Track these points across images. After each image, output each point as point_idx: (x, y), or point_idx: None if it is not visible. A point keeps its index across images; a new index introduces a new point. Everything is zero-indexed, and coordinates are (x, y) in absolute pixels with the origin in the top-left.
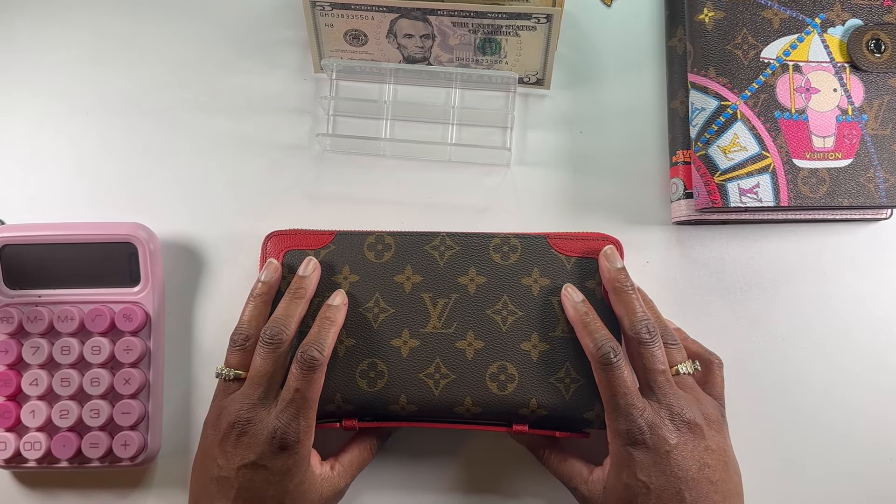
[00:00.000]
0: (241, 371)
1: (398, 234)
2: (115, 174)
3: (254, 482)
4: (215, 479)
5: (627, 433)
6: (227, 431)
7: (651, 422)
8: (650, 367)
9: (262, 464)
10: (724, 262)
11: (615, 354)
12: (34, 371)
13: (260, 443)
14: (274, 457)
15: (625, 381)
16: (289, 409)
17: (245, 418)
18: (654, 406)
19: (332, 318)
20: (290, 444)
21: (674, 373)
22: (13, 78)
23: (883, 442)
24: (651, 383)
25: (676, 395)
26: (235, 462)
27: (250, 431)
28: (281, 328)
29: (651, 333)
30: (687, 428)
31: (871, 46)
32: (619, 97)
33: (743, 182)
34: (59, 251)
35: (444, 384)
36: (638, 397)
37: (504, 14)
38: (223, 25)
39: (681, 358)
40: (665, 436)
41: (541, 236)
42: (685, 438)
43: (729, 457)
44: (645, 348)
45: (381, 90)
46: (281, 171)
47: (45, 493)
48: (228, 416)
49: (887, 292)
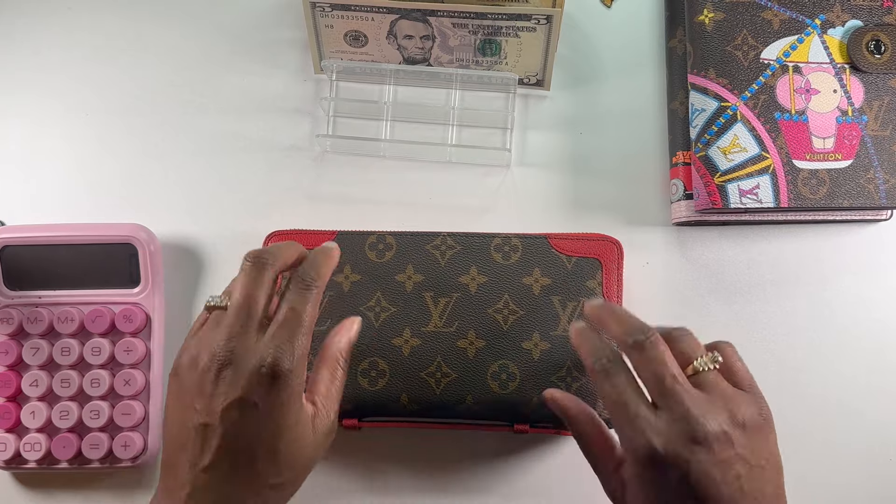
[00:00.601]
0: (225, 298)
1: (399, 234)
2: (115, 175)
3: (242, 425)
4: (195, 428)
5: (638, 451)
6: (206, 368)
7: (665, 436)
8: (657, 371)
9: (250, 400)
10: (723, 263)
11: (610, 360)
12: (34, 372)
13: (246, 374)
14: (264, 390)
15: (628, 390)
16: (282, 332)
17: (228, 348)
18: (666, 418)
19: (330, 252)
20: (282, 373)
21: (690, 373)
22: (13, 78)
23: (883, 442)
24: (661, 391)
25: (694, 401)
26: (219, 403)
27: (234, 362)
28: (269, 255)
29: (646, 334)
30: (713, 440)
31: (871, 47)
32: (619, 98)
33: (743, 183)
34: (59, 252)
35: (446, 383)
36: (645, 408)
37: (504, 15)
38: (223, 26)
39: (694, 351)
40: (682, 454)
41: (541, 236)
42: (709, 454)
43: (765, 457)
44: (644, 353)
45: (382, 91)
46: (281, 171)
47: (45, 493)
48: (209, 349)
49: (887, 293)
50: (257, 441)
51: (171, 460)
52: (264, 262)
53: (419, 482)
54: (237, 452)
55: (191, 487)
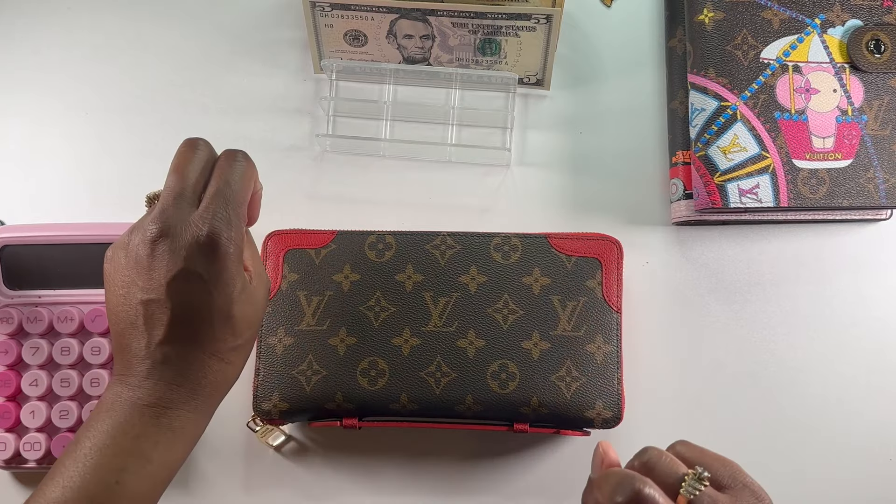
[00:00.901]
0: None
1: (399, 234)
2: (114, 174)
3: (191, 296)
4: (141, 305)
5: None
6: (143, 241)
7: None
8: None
9: (194, 270)
10: (723, 262)
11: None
12: (34, 371)
13: (185, 244)
14: (205, 260)
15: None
16: (217, 200)
17: (163, 218)
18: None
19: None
20: (222, 242)
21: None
22: (13, 77)
23: (882, 442)
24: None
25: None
26: (161, 276)
27: (171, 232)
28: (202, 139)
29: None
30: None
31: (871, 47)
32: (619, 97)
33: (743, 182)
34: (59, 252)
35: (446, 383)
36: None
37: (504, 15)
38: (223, 26)
39: (676, 473)
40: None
41: (541, 236)
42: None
43: None
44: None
45: (381, 91)
46: (281, 171)
47: None
48: (143, 225)
49: (887, 292)
50: (210, 310)
51: (121, 343)
52: (196, 142)
53: (419, 482)
54: (191, 323)
55: (150, 362)
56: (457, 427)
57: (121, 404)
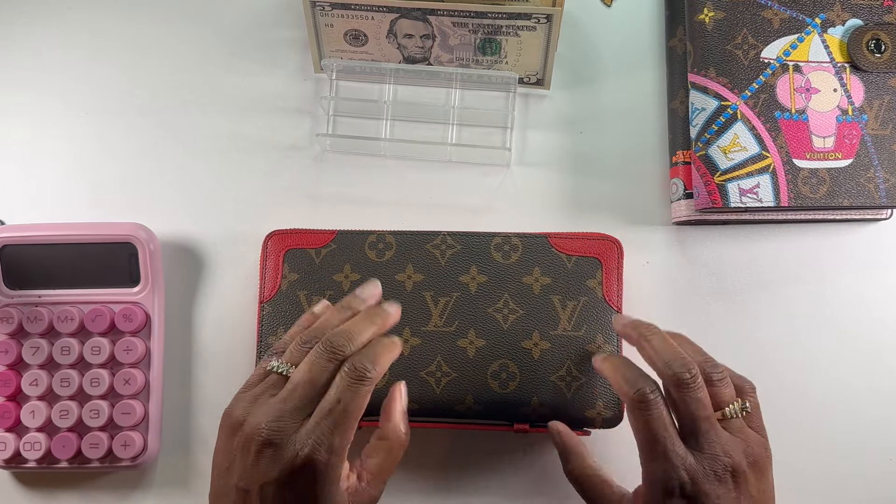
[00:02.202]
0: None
1: (399, 233)
2: (114, 174)
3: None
4: (235, 488)
5: (665, 483)
6: (250, 437)
7: (693, 473)
8: (694, 413)
9: (285, 482)
10: (723, 262)
11: (651, 390)
12: (34, 371)
13: (286, 459)
14: (299, 478)
15: (664, 423)
16: (325, 422)
17: (275, 427)
18: (698, 456)
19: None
20: (318, 465)
21: (720, 416)
22: (13, 78)
23: (883, 442)
24: (695, 431)
25: (722, 443)
26: (257, 478)
27: (278, 444)
28: (346, 341)
29: (692, 373)
30: (731, 478)
31: (872, 46)
32: (620, 97)
33: (743, 182)
34: (59, 251)
35: (446, 382)
36: (679, 444)
37: (504, 14)
38: (223, 26)
39: (729, 397)
40: (707, 489)
41: (541, 235)
42: (727, 490)
43: (769, 496)
44: (686, 392)
45: (382, 90)
46: (281, 171)
47: (45, 493)
48: (257, 420)
49: (887, 292)
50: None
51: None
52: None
53: (419, 482)
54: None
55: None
56: (457, 427)
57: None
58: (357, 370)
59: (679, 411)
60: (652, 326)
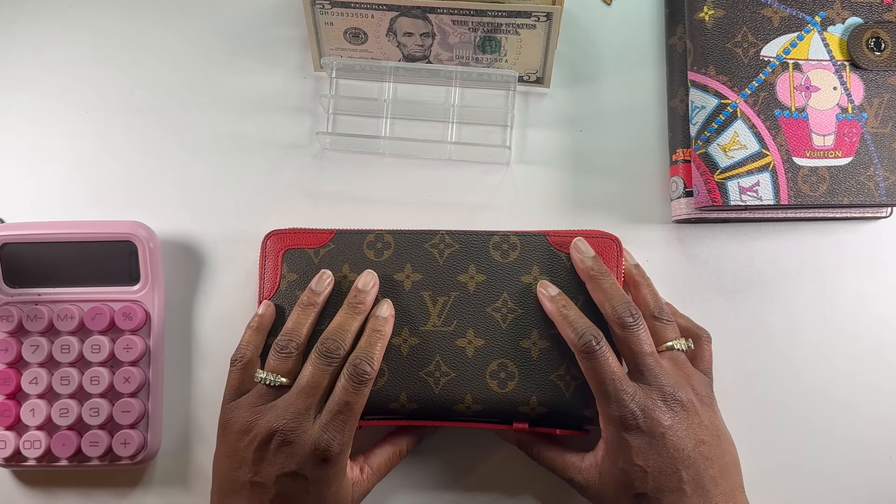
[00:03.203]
0: (285, 378)
1: (398, 233)
2: (114, 173)
3: (292, 490)
4: (248, 483)
5: (621, 419)
6: (266, 438)
7: (643, 405)
8: (636, 349)
9: (302, 473)
10: (723, 260)
11: (597, 342)
12: (34, 369)
13: (303, 453)
14: (315, 467)
15: (610, 367)
16: (335, 421)
17: (290, 427)
18: (645, 389)
19: (382, 331)
20: (332, 456)
21: (665, 349)
22: (13, 77)
23: (882, 441)
24: (640, 366)
25: (667, 375)
26: (275, 470)
27: (294, 441)
28: (339, 343)
29: (634, 316)
30: (680, 407)
31: (871, 45)
32: (619, 95)
33: (743, 180)
34: (59, 250)
35: (445, 382)
36: (627, 382)
37: (504, 12)
38: (223, 24)
39: (673, 335)
40: (659, 418)
41: (540, 234)
42: (679, 418)
43: (721, 431)
44: (629, 332)
45: (381, 88)
46: (281, 169)
47: (45, 491)
48: (269, 423)
49: (887, 290)
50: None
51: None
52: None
53: (418, 482)
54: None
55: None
56: (456, 426)
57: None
58: (357, 374)
59: (623, 350)
60: (605, 269)
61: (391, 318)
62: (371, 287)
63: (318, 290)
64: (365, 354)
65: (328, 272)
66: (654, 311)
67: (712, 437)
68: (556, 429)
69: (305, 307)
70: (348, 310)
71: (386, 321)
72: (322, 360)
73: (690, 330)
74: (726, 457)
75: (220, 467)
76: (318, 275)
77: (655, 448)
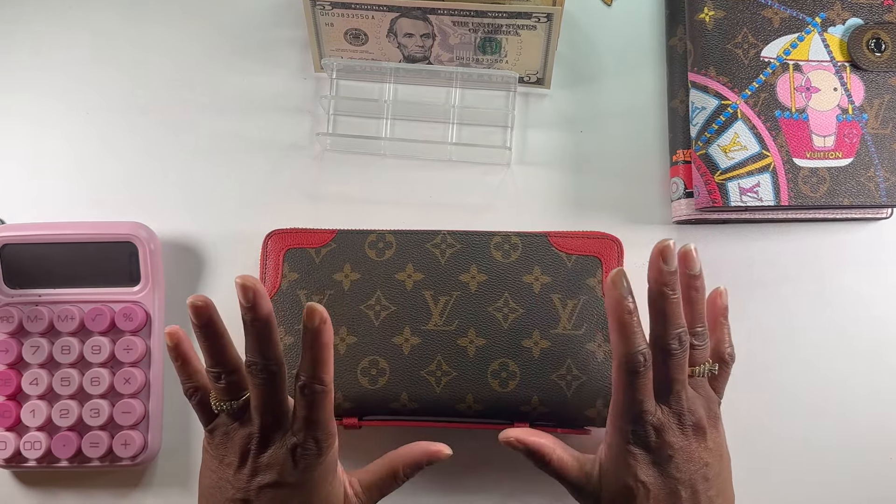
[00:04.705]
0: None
1: (399, 233)
2: (115, 174)
3: (276, 499)
4: (230, 500)
5: (633, 434)
6: (243, 456)
7: (659, 426)
8: (672, 376)
9: (284, 482)
10: (724, 261)
11: (644, 365)
12: (34, 370)
13: (280, 463)
14: (296, 472)
15: (645, 390)
16: (303, 431)
17: (261, 445)
18: (665, 410)
19: (324, 342)
20: (311, 461)
21: (690, 374)
22: (14, 77)
23: (882, 442)
24: (668, 391)
25: (689, 400)
26: (255, 483)
27: (268, 454)
28: (262, 361)
29: (682, 345)
30: (692, 430)
31: (872, 45)
32: (620, 96)
33: (743, 181)
34: (60, 251)
35: (446, 381)
36: (652, 402)
37: (504, 13)
38: (223, 25)
39: (702, 359)
40: (671, 441)
41: (542, 234)
42: (689, 442)
43: (723, 450)
44: (671, 359)
45: (382, 89)
46: (281, 170)
47: (45, 492)
48: (241, 443)
49: (887, 291)
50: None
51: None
52: (271, 373)
53: (419, 481)
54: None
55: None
56: (457, 426)
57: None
58: (312, 392)
59: (656, 368)
60: (678, 290)
61: (325, 324)
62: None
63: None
64: (309, 368)
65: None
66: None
67: (715, 458)
68: (556, 428)
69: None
70: (250, 332)
71: (324, 330)
72: (258, 378)
73: (719, 349)
74: (724, 473)
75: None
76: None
77: (661, 467)
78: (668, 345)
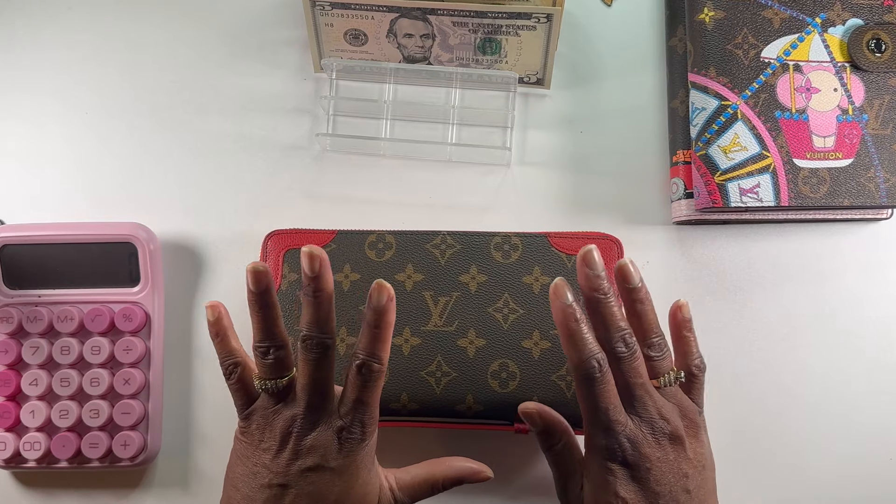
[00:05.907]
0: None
1: (399, 233)
2: (115, 174)
3: (316, 484)
4: (266, 486)
5: (608, 449)
6: (284, 439)
7: (633, 438)
8: (630, 380)
9: (327, 466)
10: (724, 262)
11: (600, 369)
12: (34, 371)
13: (325, 445)
14: (340, 456)
15: (607, 397)
16: (351, 414)
17: (305, 426)
18: (636, 421)
19: (388, 320)
20: (355, 445)
21: (657, 385)
22: (14, 78)
23: (882, 442)
24: (631, 397)
25: (658, 407)
26: (296, 467)
27: (312, 436)
28: (319, 335)
29: (629, 346)
30: (668, 441)
31: (872, 46)
32: (620, 97)
33: (743, 182)
34: (59, 251)
35: (446, 382)
36: (620, 412)
37: (504, 14)
38: (223, 25)
39: (665, 368)
40: (646, 453)
41: (541, 235)
42: (665, 452)
43: (706, 460)
44: (622, 363)
45: (382, 90)
46: (281, 170)
47: (45, 493)
48: (283, 425)
49: (887, 292)
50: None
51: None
52: (324, 347)
53: None
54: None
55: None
56: (457, 427)
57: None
58: (369, 371)
59: (616, 377)
60: (610, 290)
61: (391, 302)
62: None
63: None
64: (370, 352)
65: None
66: (649, 341)
67: (696, 469)
68: None
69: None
70: (310, 301)
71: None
72: (312, 353)
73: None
74: (708, 485)
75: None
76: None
77: (639, 482)
78: (614, 347)
